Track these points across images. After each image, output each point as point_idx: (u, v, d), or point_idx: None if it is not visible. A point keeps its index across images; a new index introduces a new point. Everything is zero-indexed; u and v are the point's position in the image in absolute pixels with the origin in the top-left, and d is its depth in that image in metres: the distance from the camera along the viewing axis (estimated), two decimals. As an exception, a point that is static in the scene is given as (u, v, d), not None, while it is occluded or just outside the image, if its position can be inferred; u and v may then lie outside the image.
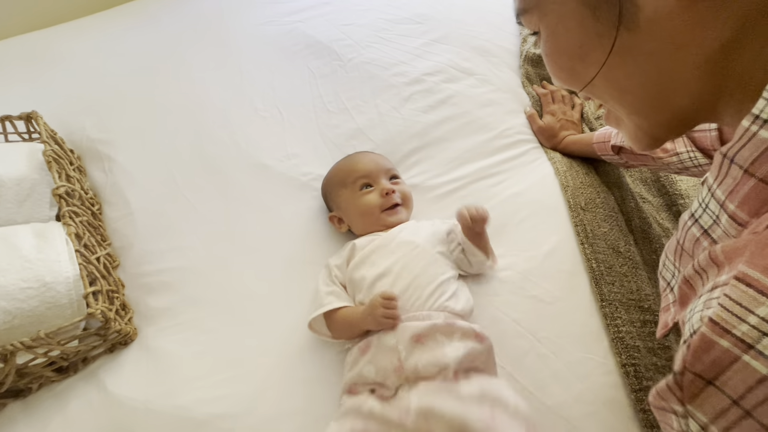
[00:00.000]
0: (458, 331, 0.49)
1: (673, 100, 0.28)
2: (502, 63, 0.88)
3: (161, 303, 0.63)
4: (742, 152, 0.23)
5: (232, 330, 0.60)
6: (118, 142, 0.79)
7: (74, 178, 0.68)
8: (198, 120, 0.82)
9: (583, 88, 0.31)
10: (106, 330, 0.54)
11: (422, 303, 0.51)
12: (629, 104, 0.30)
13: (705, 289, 0.24)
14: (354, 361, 0.51)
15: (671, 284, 0.33)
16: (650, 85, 0.28)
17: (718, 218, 0.25)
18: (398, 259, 0.55)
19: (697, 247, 0.28)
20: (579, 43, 0.29)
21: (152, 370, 0.58)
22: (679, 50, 0.25)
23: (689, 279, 0.26)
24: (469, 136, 0.77)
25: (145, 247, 0.68)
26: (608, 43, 0.27)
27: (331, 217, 0.66)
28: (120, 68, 0.92)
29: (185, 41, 0.96)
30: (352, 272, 0.56)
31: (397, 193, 0.62)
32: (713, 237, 0.26)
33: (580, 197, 0.68)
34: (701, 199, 0.27)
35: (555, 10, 0.29)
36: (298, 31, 0.94)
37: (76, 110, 0.84)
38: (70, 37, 1.00)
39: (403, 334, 0.48)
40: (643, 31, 0.26)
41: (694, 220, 0.28)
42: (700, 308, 0.23)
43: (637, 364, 0.54)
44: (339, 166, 0.68)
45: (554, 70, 0.32)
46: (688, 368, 0.21)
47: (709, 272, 0.25)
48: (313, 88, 0.85)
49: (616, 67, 0.28)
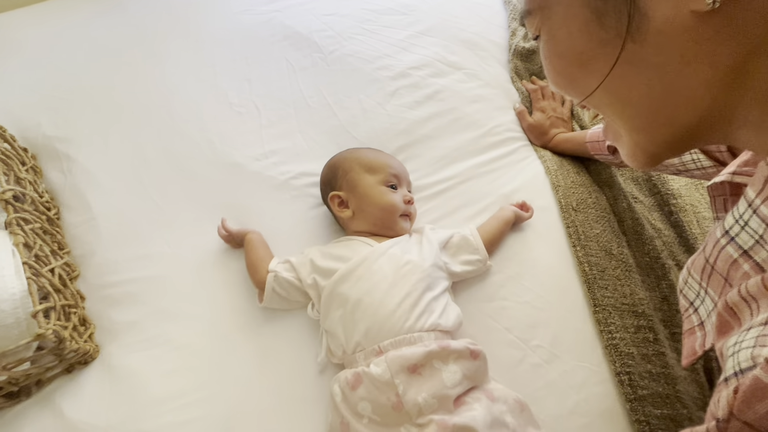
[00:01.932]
0: (453, 354, 0.46)
1: (678, 117, 0.26)
2: (490, 57, 0.84)
3: (126, 317, 0.58)
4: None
5: (205, 346, 0.56)
6: (78, 140, 0.73)
7: (26, 180, 0.62)
8: (167, 116, 0.76)
9: (583, 99, 0.30)
10: (60, 350, 0.49)
11: (412, 324, 0.48)
12: (630, 118, 0.29)
13: (756, 321, 0.21)
14: (344, 394, 0.47)
15: (695, 304, 0.30)
16: (654, 99, 0.26)
17: (762, 238, 0.23)
18: (386, 275, 0.51)
19: (734, 269, 0.25)
20: (580, 49, 0.27)
21: (115, 391, 0.53)
22: (688, 65, 0.24)
23: (733, 306, 0.24)
24: (457, 133, 0.74)
25: (108, 255, 0.63)
26: (612, 53, 0.26)
27: (332, 197, 0.59)
28: (81, 59, 0.84)
29: (154, 30, 0.89)
30: (335, 286, 0.52)
31: (414, 205, 0.61)
32: (756, 260, 0.23)
33: (572, 197, 0.66)
34: (738, 214, 0.24)
35: (559, 12, 0.27)
36: (276, 21, 0.89)
37: (31, 104, 0.77)
38: (26, 24, 0.91)
39: (396, 363, 0.45)
40: (651, 43, 0.24)
41: (730, 239, 0.25)
42: (750, 343, 0.20)
43: (632, 372, 0.52)
44: (367, 152, 0.63)
45: (552, 76, 0.31)
46: (736, 415, 0.19)
47: (761, 301, 0.22)
48: (292, 81, 0.80)
49: (619, 78, 0.26)
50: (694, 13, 0.22)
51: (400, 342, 0.47)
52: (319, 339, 0.54)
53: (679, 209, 0.67)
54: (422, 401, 0.43)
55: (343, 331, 0.50)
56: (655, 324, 0.57)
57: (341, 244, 0.58)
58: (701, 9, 0.22)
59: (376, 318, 0.48)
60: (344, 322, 0.50)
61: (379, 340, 0.48)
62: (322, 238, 0.63)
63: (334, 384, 0.49)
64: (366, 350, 0.48)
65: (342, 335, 0.50)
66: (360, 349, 0.48)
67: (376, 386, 0.45)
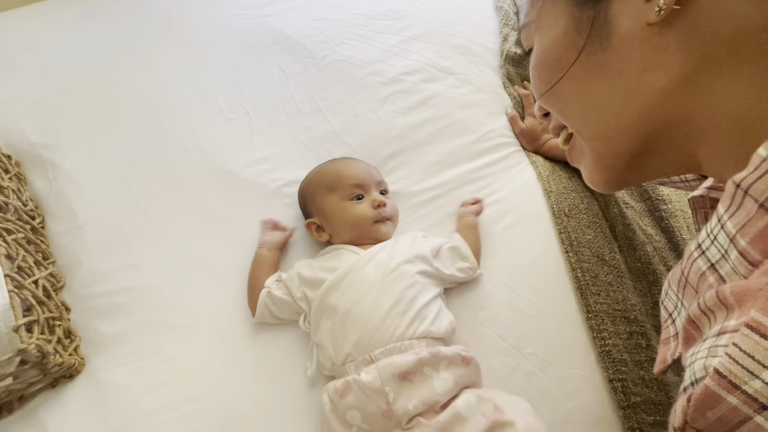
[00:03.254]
0: (444, 360, 0.46)
1: (637, 123, 0.28)
2: (482, 62, 0.85)
3: (113, 328, 0.57)
4: (758, 184, 0.20)
5: (195, 358, 0.55)
6: (64, 147, 0.71)
7: (8, 188, 0.60)
8: (156, 122, 0.74)
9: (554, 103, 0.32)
10: (44, 365, 0.47)
11: (402, 332, 0.47)
12: (594, 124, 0.31)
13: (711, 332, 0.22)
14: (332, 403, 0.46)
15: (672, 315, 0.31)
16: (616, 105, 0.28)
17: (727, 253, 0.23)
18: (374, 283, 0.50)
19: (702, 281, 0.26)
20: (560, 56, 0.29)
21: (102, 406, 0.51)
22: (646, 73, 0.26)
23: (695, 319, 0.24)
24: (449, 139, 0.74)
25: (94, 265, 0.61)
26: (585, 60, 0.28)
27: (308, 224, 0.60)
28: (67, 63, 0.82)
29: (142, 34, 0.88)
30: (323, 297, 0.51)
31: (388, 207, 0.59)
32: (721, 273, 0.24)
33: (564, 203, 0.66)
34: (710, 229, 0.25)
35: (548, 23, 0.30)
36: (267, 25, 0.88)
37: (15, 110, 0.75)
38: (10, 28, 0.89)
39: (386, 371, 0.44)
40: (616, 51, 0.26)
41: (701, 252, 0.26)
42: (704, 354, 0.21)
43: (625, 378, 0.52)
44: (326, 169, 0.62)
45: (536, 83, 0.33)
46: (689, 423, 0.20)
47: (717, 314, 0.22)
48: (283, 87, 0.79)
49: (589, 82, 0.29)
50: (650, 24, 0.24)
51: (391, 350, 0.46)
52: (310, 352, 0.53)
53: (670, 215, 0.68)
54: (412, 408, 0.43)
55: (333, 343, 0.49)
56: (648, 330, 0.57)
57: (328, 255, 0.57)
58: (653, 21, 0.24)
59: (366, 328, 0.48)
60: (334, 333, 0.49)
61: (370, 349, 0.47)
62: (313, 246, 0.63)
63: (323, 394, 0.48)
64: (357, 360, 0.47)
65: (332, 346, 0.49)
66: (351, 360, 0.48)
67: (366, 394, 0.44)
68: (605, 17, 0.26)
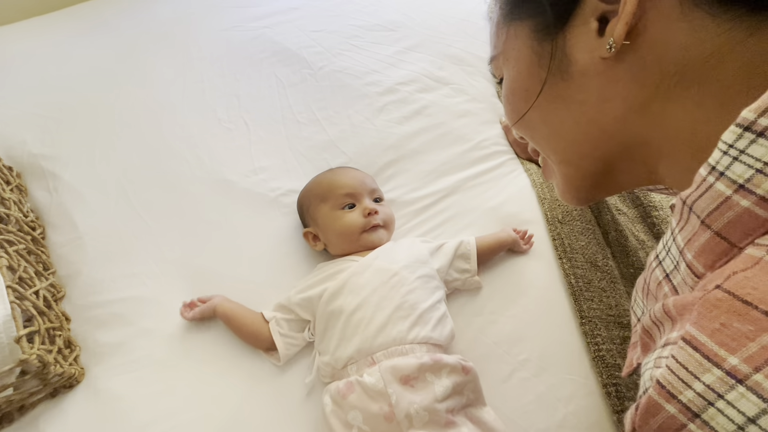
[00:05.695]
0: (446, 368, 0.47)
1: (598, 148, 0.30)
2: (476, 72, 0.86)
3: (113, 338, 0.57)
4: (699, 202, 0.22)
5: (194, 367, 0.55)
6: (65, 158, 0.72)
7: (10, 200, 0.61)
8: (155, 132, 0.75)
9: (525, 131, 0.34)
10: (45, 375, 0.48)
11: (403, 336, 0.48)
12: (561, 150, 0.33)
13: (659, 343, 0.23)
14: (334, 403, 0.47)
15: (641, 320, 0.32)
16: (579, 133, 0.30)
17: (678, 264, 0.25)
18: (375, 289, 0.51)
19: (659, 290, 0.27)
20: (526, 86, 0.31)
21: (101, 415, 0.52)
22: (604, 102, 0.27)
23: (648, 329, 0.26)
24: (445, 148, 0.75)
25: (94, 275, 0.62)
26: (548, 91, 0.30)
27: (305, 234, 0.62)
28: (67, 75, 0.84)
29: (141, 46, 0.89)
30: (327, 304, 0.52)
31: (380, 214, 0.59)
32: (674, 283, 0.25)
33: (557, 210, 0.67)
34: (665, 240, 0.26)
35: (512, 55, 0.32)
36: (264, 37, 0.90)
37: (16, 122, 0.76)
38: (12, 41, 0.91)
39: (389, 374, 0.45)
40: (575, 82, 0.28)
41: (659, 262, 0.27)
42: (651, 365, 0.22)
43: (618, 383, 0.53)
44: (321, 179, 0.63)
45: (508, 111, 0.34)
46: (637, 430, 0.21)
47: (665, 325, 0.24)
48: (281, 97, 0.81)
49: (553, 112, 0.31)
50: (604, 58, 0.26)
51: (392, 353, 0.47)
52: (311, 360, 0.54)
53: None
54: (414, 413, 0.43)
55: (336, 348, 0.50)
56: (640, 335, 0.58)
57: (322, 269, 0.58)
58: (606, 55, 0.25)
59: (368, 332, 0.49)
60: (338, 338, 0.50)
61: (372, 352, 0.48)
62: (312, 256, 0.64)
63: (324, 395, 0.48)
64: (359, 362, 0.48)
65: (335, 352, 0.50)
66: (352, 362, 0.48)
67: (369, 395, 0.45)
68: (563, 51, 0.28)
